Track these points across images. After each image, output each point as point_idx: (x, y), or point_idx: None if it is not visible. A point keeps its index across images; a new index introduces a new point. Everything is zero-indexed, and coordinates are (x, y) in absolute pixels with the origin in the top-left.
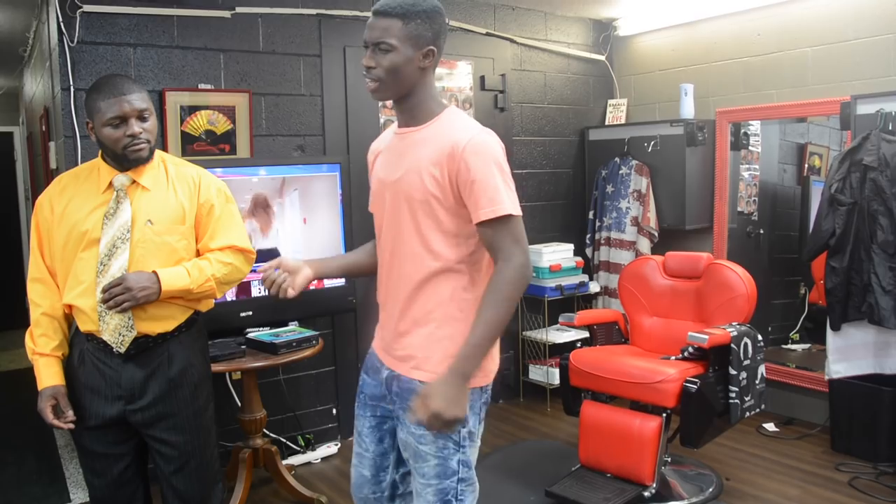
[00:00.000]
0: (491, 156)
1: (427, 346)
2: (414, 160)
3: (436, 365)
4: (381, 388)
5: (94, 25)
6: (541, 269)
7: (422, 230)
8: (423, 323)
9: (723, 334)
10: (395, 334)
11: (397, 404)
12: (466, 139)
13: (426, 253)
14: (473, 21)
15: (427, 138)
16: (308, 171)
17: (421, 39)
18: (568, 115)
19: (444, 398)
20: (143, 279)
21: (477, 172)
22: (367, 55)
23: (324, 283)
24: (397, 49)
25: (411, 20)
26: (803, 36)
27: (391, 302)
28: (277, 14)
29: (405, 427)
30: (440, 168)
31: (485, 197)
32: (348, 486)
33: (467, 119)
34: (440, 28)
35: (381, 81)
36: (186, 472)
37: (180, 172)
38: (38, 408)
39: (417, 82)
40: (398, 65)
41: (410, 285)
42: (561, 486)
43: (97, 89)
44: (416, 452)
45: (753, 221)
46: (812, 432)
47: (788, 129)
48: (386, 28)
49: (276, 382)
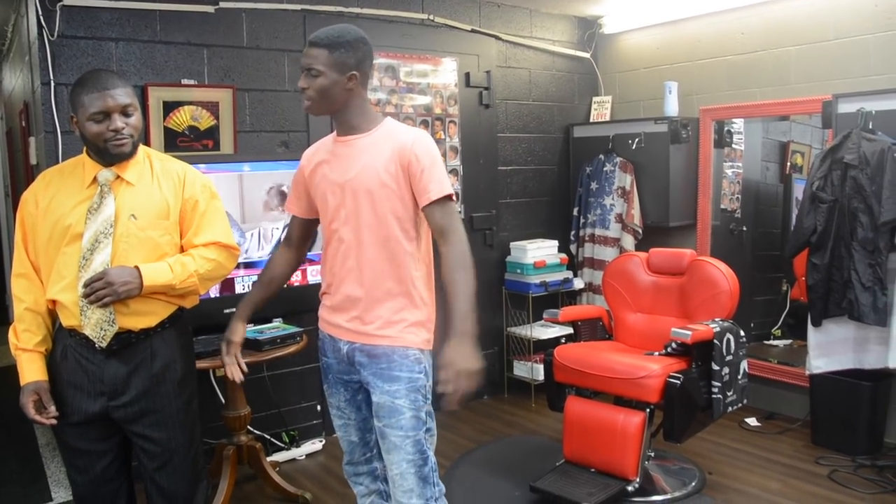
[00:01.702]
0: (434, 151)
1: (389, 316)
2: (368, 159)
3: (396, 330)
4: (344, 364)
5: (74, 19)
6: (525, 265)
7: (379, 216)
8: (385, 298)
9: (706, 330)
10: (356, 310)
11: (365, 371)
12: (413, 138)
13: (386, 237)
14: (459, 18)
15: (376, 141)
16: (292, 167)
17: (345, 66)
18: (553, 112)
19: (463, 357)
20: (124, 274)
21: (424, 163)
22: (301, 78)
23: (307, 279)
24: (324, 74)
25: (336, 49)
26: (786, 35)
27: (348, 283)
28: (262, 9)
29: (378, 388)
30: (395, 163)
31: (433, 181)
32: (333, 482)
33: (405, 125)
34: (363, 55)
35: (312, 100)
36: (170, 469)
37: (165, 168)
38: (21, 403)
39: (347, 100)
40: (326, 87)
41: (371, 266)
42: (545, 481)
43: (81, 83)
44: (391, 409)
45: (736, 218)
46: (793, 427)
47: (771, 127)
48: (316, 56)
49: (260, 379)
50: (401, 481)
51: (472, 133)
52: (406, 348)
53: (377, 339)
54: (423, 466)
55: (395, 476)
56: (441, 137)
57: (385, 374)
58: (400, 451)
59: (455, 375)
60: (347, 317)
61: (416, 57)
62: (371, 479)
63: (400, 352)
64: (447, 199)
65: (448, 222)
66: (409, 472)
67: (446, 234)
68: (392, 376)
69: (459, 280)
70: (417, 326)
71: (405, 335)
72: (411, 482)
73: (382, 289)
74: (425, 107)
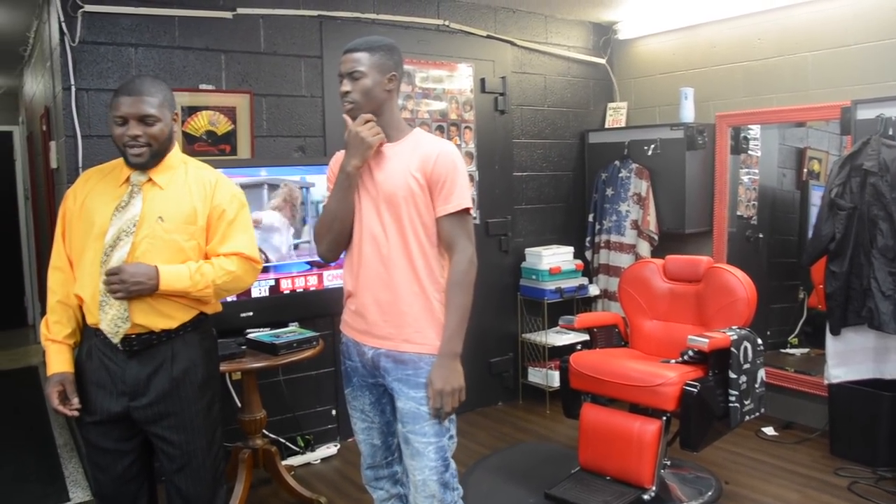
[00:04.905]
0: (459, 164)
1: (416, 322)
2: (397, 166)
3: (424, 337)
4: (368, 368)
5: (95, 25)
6: (540, 271)
7: (406, 222)
8: (412, 303)
9: (723, 338)
10: (382, 315)
11: (390, 377)
12: (440, 150)
13: (412, 243)
14: (474, 24)
15: (405, 150)
16: (308, 172)
17: (385, 67)
18: (568, 117)
19: (442, 377)
20: (139, 272)
21: (448, 175)
22: (343, 84)
23: (324, 283)
24: (367, 75)
25: (376, 52)
26: (804, 41)
27: (375, 288)
28: (279, 15)
29: (403, 395)
30: (421, 172)
31: (453, 194)
32: (348, 486)
33: (434, 136)
34: (398, 59)
35: (356, 103)
36: (188, 471)
37: (198, 175)
38: (45, 392)
39: (385, 103)
40: (369, 88)
41: (398, 271)
42: (560, 488)
43: (120, 85)
44: (416, 415)
45: (752, 225)
46: (811, 436)
47: (788, 133)
48: (358, 59)
49: (275, 383)
50: (423, 487)
51: (487, 139)
52: (432, 355)
53: (404, 345)
54: (445, 472)
55: (417, 481)
56: (457, 143)
57: (412, 381)
58: (423, 458)
59: (433, 395)
60: (373, 322)
61: (432, 63)
62: (391, 483)
63: (427, 359)
64: (464, 213)
65: (457, 237)
66: (431, 478)
67: (453, 248)
68: (419, 383)
69: (454, 300)
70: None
71: (433, 341)
72: (433, 488)
73: (409, 294)
74: (441, 112)
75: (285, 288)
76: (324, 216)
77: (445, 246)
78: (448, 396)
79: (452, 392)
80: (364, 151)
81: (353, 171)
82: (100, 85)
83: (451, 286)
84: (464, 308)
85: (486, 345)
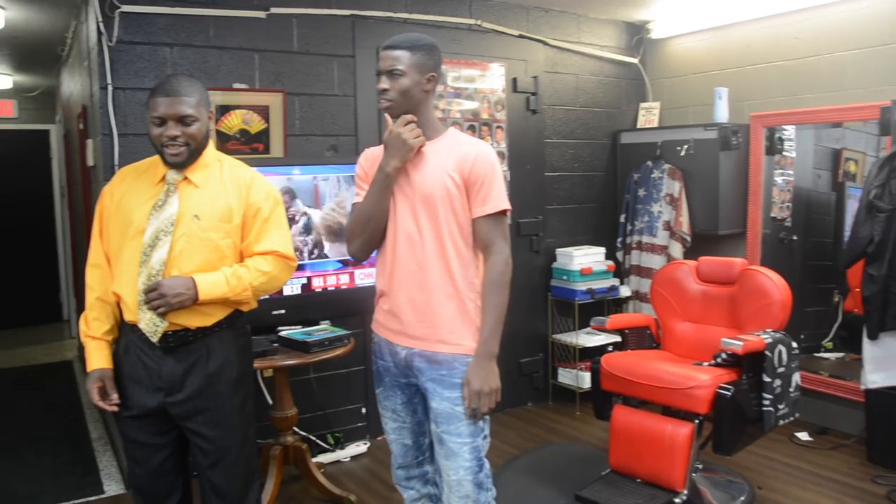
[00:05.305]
0: (496, 165)
1: (450, 323)
2: (433, 165)
3: (458, 337)
4: (401, 368)
5: (132, 25)
6: (572, 272)
7: (441, 222)
8: (446, 303)
9: (757, 341)
10: (416, 315)
11: (424, 377)
12: (477, 150)
13: (447, 242)
14: (506, 23)
15: (441, 149)
16: (340, 171)
17: (424, 67)
18: (600, 117)
19: (479, 378)
20: (178, 285)
21: (486, 176)
22: (381, 81)
23: (355, 282)
24: (406, 74)
25: (416, 51)
26: (842, 39)
27: (408, 287)
28: (312, 15)
29: (438, 395)
30: (458, 172)
31: (490, 195)
32: (377, 484)
33: (469, 136)
34: (438, 59)
35: (394, 101)
36: (222, 466)
37: (233, 173)
38: (86, 388)
39: (422, 103)
40: (408, 87)
41: (432, 271)
42: (591, 490)
43: (156, 85)
44: (450, 416)
45: (787, 227)
46: (847, 443)
47: (823, 134)
48: (398, 57)
49: (306, 380)
50: (458, 487)
51: (519, 138)
52: (467, 355)
53: (438, 345)
54: (479, 472)
55: (451, 482)
56: (488, 143)
57: (446, 381)
58: (458, 458)
59: (470, 395)
60: (406, 321)
61: (464, 62)
62: (422, 483)
63: (461, 359)
64: (501, 215)
65: (494, 238)
66: (466, 478)
67: (490, 249)
68: (453, 383)
69: (491, 300)
70: (478, 333)
71: (467, 342)
72: (468, 488)
73: (444, 295)
74: (472, 112)
75: (317, 286)
76: (358, 216)
77: (481, 247)
78: (485, 397)
79: (490, 393)
80: (405, 153)
81: (391, 171)
82: (136, 84)
83: (488, 287)
84: (500, 309)
85: (516, 345)
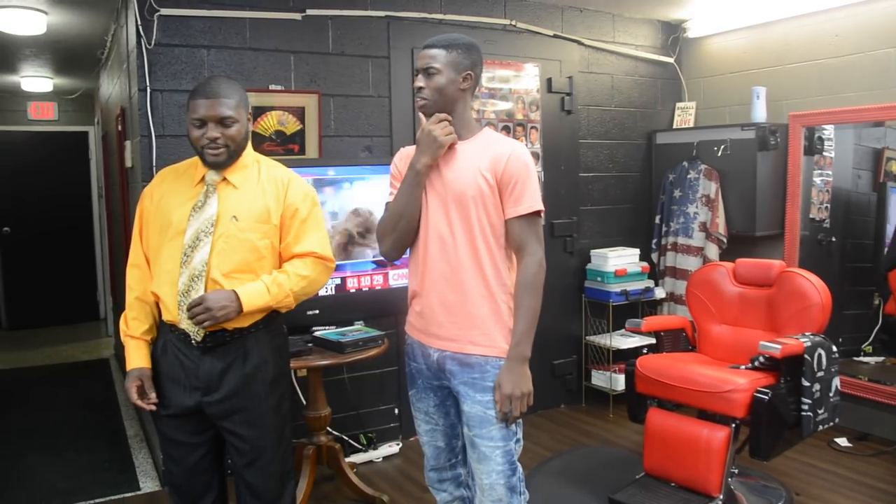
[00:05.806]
0: (530, 165)
1: (483, 325)
2: (467, 165)
3: (490, 339)
4: (433, 370)
5: (170, 28)
6: (606, 273)
7: (474, 222)
8: (479, 305)
9: (796, 344)
10: (448, 316)
11: (456, 380)
12: (511, 150)
13: (480, 243)
14: (541, 23)
15: (475, 148)
16: (375, 172)
17: (460, 66)
18: (635, 118)
19: (511, 381)
20: (222, 298)
21: (519, 176)
22: (417, 79)
23: (389, 283)
24: (442, 72)
25: (453, 50)
26: (886, 36)
27: (441, 288)
28: (347, 16)
29: (470, 398)
30: (492, 172)
31: (524, 195)
32: (410, 485)
33: (504, 136)
34: (476, 59)
35: (429, 99)
36: (258, 466)
37: (271, 174)
38: (125, 387)
39: (458, 101)
40: (443, 85)
41: (465, 272)
42: (625, 493)
43: (196, 87)
44: (483, 419)
45: (825, 229)
46: (888, 449)
47: (864, 133)
48: (434, 56)
49: (339, 381)
50: (490, 491)
51: (553, 139)
52: (499, 358)
53: (469, 346)
54: (512, 476)
55: (484, 486)
56: (522, 143)
57: (478, 384)
58: (490, 462)
59: (501, 399)
60: (439, 323)
61: (498, 62)
62: (455, 486)
63: (493, 362)
64: (534, 216)
65: (527, 239)
66: (498, 482)
67: (523, 251)
68: (486, 387)
69: (524, 302)
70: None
71: (500, 344)
72: (501, 492)
73: (476, 296)
74: (507, 112)
75: (351, 287)
76: (389, 214)
77: (514, 248)
78: (517, 401)
79: (522, 396)
80: (435, 150)
81: (422, 168)
82: (174, 86)
83: (521, 289)
84: (533, 311)
85: (550, 346)
